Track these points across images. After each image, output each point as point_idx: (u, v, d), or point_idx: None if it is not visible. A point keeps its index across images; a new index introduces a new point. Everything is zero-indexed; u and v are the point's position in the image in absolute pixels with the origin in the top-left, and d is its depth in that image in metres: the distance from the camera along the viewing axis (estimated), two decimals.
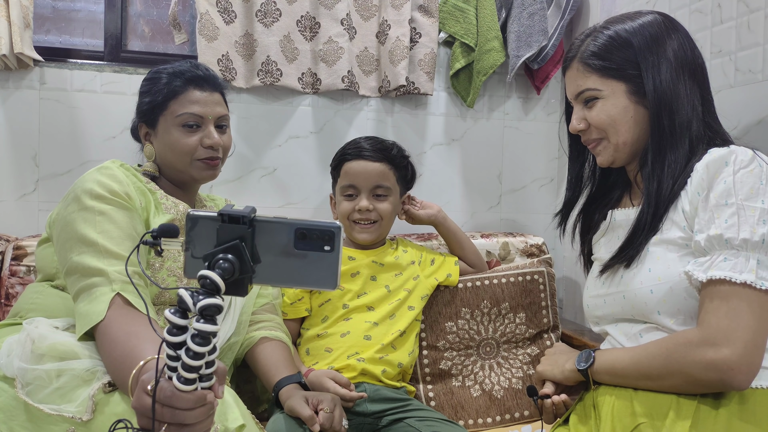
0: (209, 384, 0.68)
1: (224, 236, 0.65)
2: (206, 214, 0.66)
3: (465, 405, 1.52)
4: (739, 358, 0.86)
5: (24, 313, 1.16)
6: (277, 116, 1.81)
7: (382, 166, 1.46)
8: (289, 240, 0.66)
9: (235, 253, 0.64)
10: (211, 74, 1.29)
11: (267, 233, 0.66)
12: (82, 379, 0.97)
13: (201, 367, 0.65)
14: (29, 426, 0.95)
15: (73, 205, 1.10)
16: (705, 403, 0.91)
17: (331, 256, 0.66)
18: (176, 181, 1.28)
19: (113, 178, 1.14)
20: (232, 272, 0.63)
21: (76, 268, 1.05)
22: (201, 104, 1.24)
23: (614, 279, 1.05)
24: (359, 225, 1.46)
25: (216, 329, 0.63)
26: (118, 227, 1.08)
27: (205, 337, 0.62)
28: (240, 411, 0.96)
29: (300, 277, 0.68)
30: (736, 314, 0.87)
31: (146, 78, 1.28)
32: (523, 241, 1.80)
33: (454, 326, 1.57)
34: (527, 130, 2.01)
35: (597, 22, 1.09)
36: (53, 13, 1.83)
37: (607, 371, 1.00)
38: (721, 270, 0.88)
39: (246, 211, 0.65)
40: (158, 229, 0.71)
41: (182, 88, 1.23)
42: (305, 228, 0.66)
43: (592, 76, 1.03)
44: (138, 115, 1.28)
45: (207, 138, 1.23)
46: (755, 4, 1.28)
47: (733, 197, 0.90)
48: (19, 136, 1.65)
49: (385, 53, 1.80)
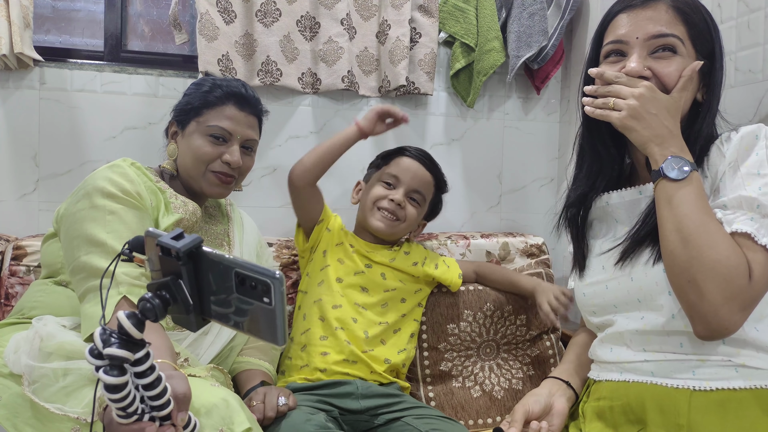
0: (165, 412, 0.65)
1: (165, 266, 0.59)
2: (157, 234, 0.60)
3: (465, 405, 1.52)
4: (729, 316, 0.84)
5: (27, 311, 1.16)
6: (277, 116, 1.81)
7: (430, 178, 1.50)
8: (231, 282, 0.58)
9: (167, 290, 0.58)
10: (254, 97, 1.30)
11: (212, 268, 0.58)
12: (88, 379, 0.97)
13: (127, 406, 0.61)
14: (34, 423, 0.95)
15: (84, 202, 1.09)
16: (698, 410, 0.89)
17: (271, 310, 0.57)
18: (188, 187, 1.28)
19: (125, 177, 1.13)
20: (155, 315, 0.58)
21: (83, 267, 1.05)
22: (234, 122, 1.24)
23: (624, 262, 1.00)
24: (381, 212, 1.46)
25: (122, 381, 0.58)
26: (128, 227, 1.08)
27: (116, 386, 0.58)
28: (246, 415, 0.96)
29: (246, 324, 0.59)
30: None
31: (194, 82, 1.30)
32: (523, 241, 1.80)
33: (456, 328, 1.57)
34: (527, 130, 2.01)
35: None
36: (53, 13, 1.83)
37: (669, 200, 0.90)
38: (746, 226, 0.85)
39: (180, 245, 0.57)
40: (132, 242, 0.68)
41: (222, 100, 1.24)
42: (242, 273, 0.57)
43: (682, 27, 0.94)
44: (173, 112, 1.29)
45: (229, 155, 1.23)
46: (755, 4, 1.28)
47: (766, 168, 0.88)
48: (19, 136, 1.65)
49: (385, 53, 1.80)
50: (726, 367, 0.90)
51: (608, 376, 1.02)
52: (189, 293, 0.58)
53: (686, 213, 0.86)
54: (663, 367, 0.94)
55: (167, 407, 0.66)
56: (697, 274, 0.84)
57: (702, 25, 0.97)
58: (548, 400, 1.05)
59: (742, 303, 0.84)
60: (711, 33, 0.98)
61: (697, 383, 0.90)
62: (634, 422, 0.95)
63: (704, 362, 0.91)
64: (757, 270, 0.85)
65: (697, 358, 0.92)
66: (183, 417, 0.69)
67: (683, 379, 0.92)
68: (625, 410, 0.96)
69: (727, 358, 0.90)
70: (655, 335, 0.96)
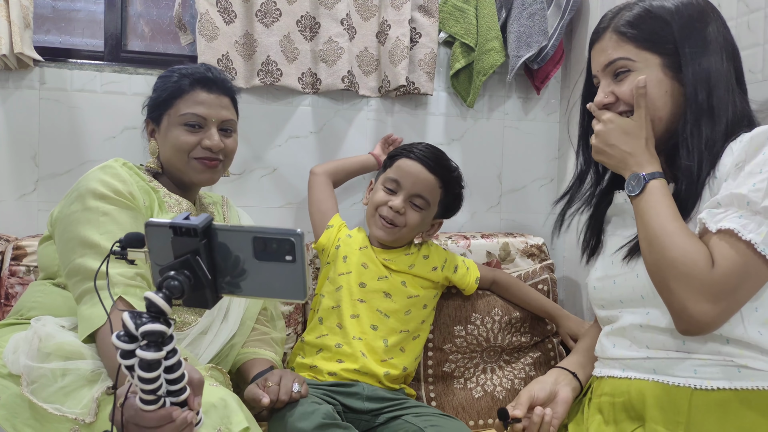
0: (182, 398, 0.66)
1: (178, 249, 0.61)
2: (162, 223, 0.62)
3: (467, 406, 1.52)
4: (697, 307, 0.85)
5: (26, 312, 1.16)
6: (277, 116, 1.81)
7: (433, 179, 1.43)
8: (249, 249, 0.61)
9: (187, 267, 0.61)
10: (221, 77, 1.28)
11: (226, 242, 0.62)
12: (86, 380, 0.97)
13: (158, 389, 0.62)
14: (33, 423, 0.95)
15: (76, 205, 1.09)
16: (698, 409, 0.89)
17: (295, 266, 0.61)
18: (177, 180, 1.27)
19: (117, 178, 1.13)
20: (181, 290, 0.60)
21: (78, 269, 1.05)
22: (206, 106, 1.23)
23: (630, 258, 1.01)
24: (382, 220, 1.42)
25: (159, 356, 0.60)
26: (122, 228, 1.08)
27: (150, 365, 0.60)
28: (244, 414, 0.96)
29: (265, 288, 0.63)
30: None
31: (160, 76, 1.28)
32: (523, 241, 1.80)
33: (463, 330, 1.57)
34: (527, 130, 2.01)
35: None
36: (53, 13, 1.83)
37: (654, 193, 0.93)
38: (732, 223, 0.85)
39: (197, 222, 0.61)
40: (124, 238, 0.69)
41: (189, 87, 1.23)
42: (262, 237, 0.61)
43: (627, 46, 0.98)
44: (146, 110, 1.28)
45: (207, 139, 1.22)
46: (755, 4, 1.28)
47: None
48: (19, 136, 1.65)
49: (385, 53, 1.79)
50: (728, 367, 0.90)
51: (610, 373, 1.02)
52: (207, 269, 0.61)
53: (647, 221, 0.92)
54: (665, 364, 0.95)
55: (185, 393, 0.67)
56: (663, 274, 0.89)
57: (656, 28, 0.98)
58: (553, 388, 1.07)
59: (708, 294, 0.84)
60: (669, 30, 0.97)
61: (698, 382, 0.90)
62: (635, 419, 0.95)
63: (706, 362, 0.91)
64: (718, 258, 0.85)
65: (699, 357, 0.92)
66: (199, 402, 0.70)
67: (684, 377, 0.92)
68: (626, 407, 0.97)
69: (729, 359, 0.90)
70: (658, 332, 0.96)
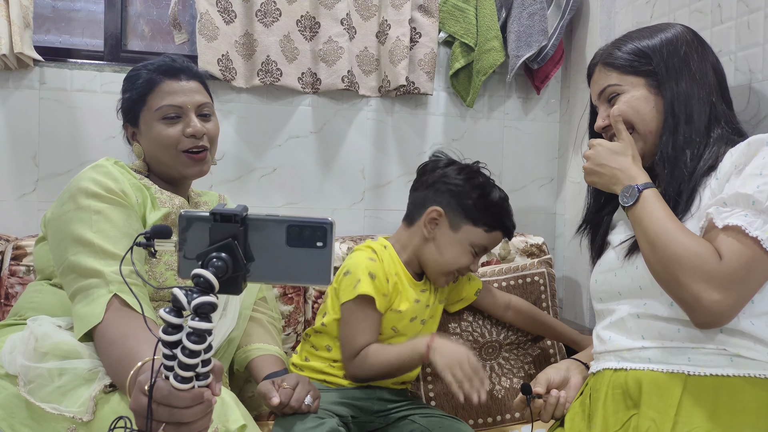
0: (206, 382, 0.68)
1: (217, 235, 0.65)
2: (199, 214, 0.66)
3: (465, 405, 1.52)
4: (709, 296, 0.89)
5: (24, 312, 1.16)
6: (277, 116, 1.81)
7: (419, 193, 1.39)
8: (282, 237, 0.66)
9: (228, 251, 0.64)
10: (186, 64, 1.25)
11: (259, 231, 0.66)
12: (83, 379, 0.97)
13: (198, 365, 0.65)
14: (30, 423, 0.95)
15: (69, 204, 1.09)
16: (691, 393, 0.93)
17: (324, 252, 0.66)
18: (167, 177, 1.25)
19: (109, 176, 1.12)
20: (225, 270, 0.64)
21: (72, 268, 1.04)
22: (178, 94, 1.20)
23: (632, 254, 1.06)
24: (453, 276, 1.39)
25: (211, 326, 0.63)
26: (115, 226, 1.07)
27: (201, 335, 0.63)
28: (241, 412, 0.96)
29: (294, 274, 0.68)
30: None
31: (126, 77, 1.25)
32: (523, 240, 1.80)
33: (458, 327, 1.57)
34: (527, 130, 2.01)
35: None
36: (53, 13, 1.83)
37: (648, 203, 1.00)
38: (739, 220, 0.89)
39: (238, 210, 0.65)
40: (151, 230, 0.71)
41: (156, 81, 1.20)
42: (297, 224, 0.66)
43: (613, 74, 1.10)
44: (120, 114, 1.26)
45: (188, 127, 1.19)
46: (755, 4, 1.28)
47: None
48: (19, 136, 1.65)
49: (385, 53, 1.80)
50: (721, 355, 0.94)
51: (606, 365, 1.06)
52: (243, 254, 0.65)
53: (646, 225, 0.97)
54: (660, 353, 0.99)
55: (209, 377, 0.68)
56: (670, 270, 0.93)
57: (634, 55, 1.09)
58: (566, 374, 1.17)
59: (718, 284, 0.88)
60: (646, 54, 1.08)
61: (691, 368, 0.95)
62: (631, 407, 0.99)
63: (699, 350, 0.96)
64: (725, 251, 0.89)
65: (693, 346, 0.96)
66: (220, 387, 0.71)
67: (678, 364, 0.97)
68: (624, 396, 1.00)
69: (722, 347, 0.94)
70: (654, 321, 1.01)
